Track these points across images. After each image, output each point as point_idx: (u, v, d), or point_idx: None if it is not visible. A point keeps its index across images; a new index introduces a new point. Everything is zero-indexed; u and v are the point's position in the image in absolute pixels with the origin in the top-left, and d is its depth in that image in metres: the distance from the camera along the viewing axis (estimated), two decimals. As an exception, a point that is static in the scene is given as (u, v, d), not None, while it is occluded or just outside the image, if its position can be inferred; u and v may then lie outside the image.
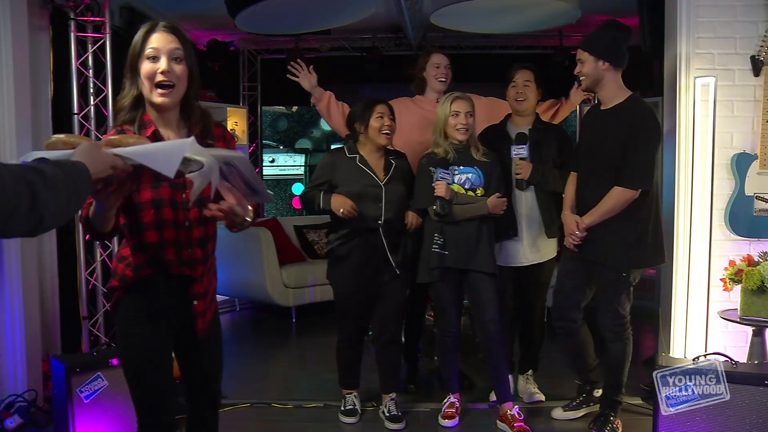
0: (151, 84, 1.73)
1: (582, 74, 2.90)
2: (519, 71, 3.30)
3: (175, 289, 1.87)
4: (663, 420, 2.74)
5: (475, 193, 3.09)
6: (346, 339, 3.29)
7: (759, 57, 3.21)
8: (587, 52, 2.86)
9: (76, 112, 3.74)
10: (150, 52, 1.72)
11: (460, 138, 3.07)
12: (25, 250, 3.35)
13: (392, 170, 3.15)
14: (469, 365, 3.92)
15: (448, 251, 3.07)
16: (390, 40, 6.29)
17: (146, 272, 1.83)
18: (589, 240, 2.92)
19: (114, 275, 1.89)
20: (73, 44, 3.73)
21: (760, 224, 3.23)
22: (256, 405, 3.07)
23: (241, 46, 6.70)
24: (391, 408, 3.24)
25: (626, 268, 2.88)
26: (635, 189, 2.79)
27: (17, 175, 1.18)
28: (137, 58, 1.74)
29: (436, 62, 3.49)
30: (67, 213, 1.30)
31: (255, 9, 4.08)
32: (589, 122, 3.08)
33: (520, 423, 3.06)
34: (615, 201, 2.82)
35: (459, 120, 3.05)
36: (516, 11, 4.56)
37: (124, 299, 1.86)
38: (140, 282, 1.84)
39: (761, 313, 3.01)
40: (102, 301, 3.84)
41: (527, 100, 3.28)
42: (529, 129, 3.31)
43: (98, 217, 1.67)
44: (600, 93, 2.93)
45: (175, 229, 1.81)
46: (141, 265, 1.84)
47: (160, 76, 1.72)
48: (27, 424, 3.18)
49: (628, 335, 2.98)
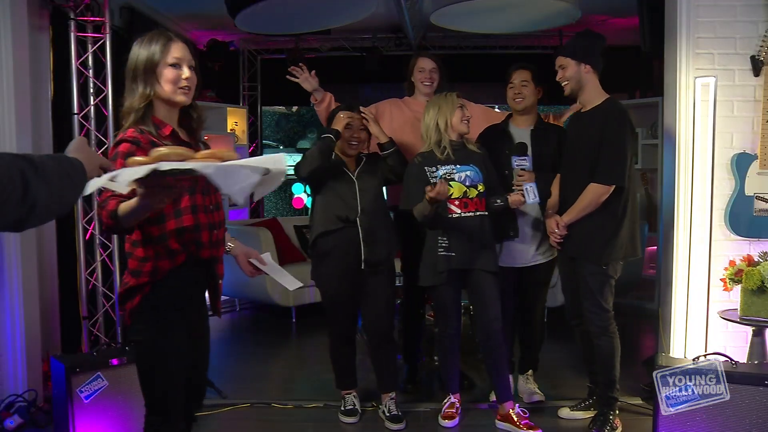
0: (175, 87, 1.95)
1: (565, 79, 3.01)
2: (515, 72, 3.33)
3: (200, 276, 2.02)
4: (663, 420, 2.74)
5: (476, 189, 3.09)
6: (338, 339, 3.30)
7: (759, 57, 3.21)
8: (568, 57, 2.99)
9: (76, 112, 3.74)
10: (173, 61, 1.95)
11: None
12: (25, 250, 3.35)
13: (362, 164, 3.22)
14: (469, 365, 3.92)
15: (455, 252, 3.07)
16: (390, 40, 6.30)
17: (181, 259, 1.94)
18: (569, 237, 3.02)
19: (138, 274, 1.94)
20: (73, 44, 3.73)
21: (760, 224, 3.23)
22: (256, 405, 3.07)
23: (241, 46, 6.70)
24: (391, 408, 3.24)
25: (605, 261, 2.95)
26: (609, 185, 2.89)
27: (8, 162, 1.18)
28: (157, 64, 1.94)
29: (420, 66, 3.51)
30: (60, 205, 1.30)
31: (255, 9, 4.08)
32: (571, 125, 3.19)
33: (527, 421, 3.08)
34: (591, 197, 2.92)
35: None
36: (516, 11, 4.57)
37: (154, 293, 1.94)
38: (173, 271, 1.94)
39: (761, 313, 3.01)
40: (102, 301, 3.84)
41: (525, 100, 3.29)
42: (531, 129, 3.31)
43: (134, 215, 1.74)
44: (581, 96, 3.03)
45: (205, 213, 1.98)
46: (176, 251, 1.93)
47: (183, 81, 1.96)
48: (27, 424, 3.18)
49: (613, 329, 3.02)
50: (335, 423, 3.28)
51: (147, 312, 1.95)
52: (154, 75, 1.94)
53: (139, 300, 1.95)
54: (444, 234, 3.07)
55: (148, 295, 1.94)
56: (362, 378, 3.42)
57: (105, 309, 3.84)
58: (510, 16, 4.68)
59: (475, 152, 3.13)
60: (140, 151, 1.80)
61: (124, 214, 1.73)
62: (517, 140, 3.25)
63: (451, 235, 3.07)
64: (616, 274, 3.00)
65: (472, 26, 4.95)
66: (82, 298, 3.79)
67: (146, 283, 1.93)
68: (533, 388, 3.48)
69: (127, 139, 1.88)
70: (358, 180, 3.17)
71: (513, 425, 3.09)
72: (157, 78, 1.94)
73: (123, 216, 1.74)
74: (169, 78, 1.94)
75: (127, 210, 1.72)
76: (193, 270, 1.98)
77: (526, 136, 3.28)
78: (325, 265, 3.19)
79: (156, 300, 1.94)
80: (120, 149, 1.86)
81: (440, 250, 3.08)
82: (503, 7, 4.44)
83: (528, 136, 3.28)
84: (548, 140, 3.28)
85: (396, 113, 3.52)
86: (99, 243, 3.82)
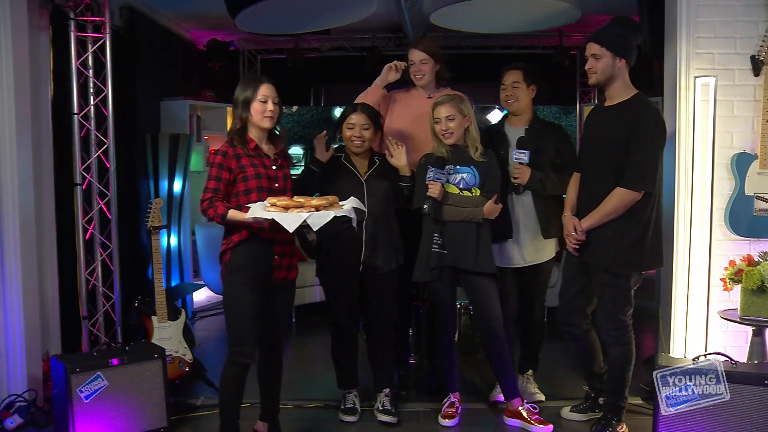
0: (262, 115, 2.73)
1: (595, 70, 2.81)
2: (507, 73, 3.29)
3: (262, 249, 2.73)
4: (663, 420, 2.74)
5: (470, 193, 3.09)
6: (339, 337, 3.30)
7: (759, 57, 3.21)
8: (605, 48, 2.77)
9: (76, 112, 3.73)
10: (261, 98, 2.72)
11: (448, 142, 3.09)
12: (25, 250, 3.35)
13: (375, 168, 3.19)
14: (469, 365, 3.92)
15: (447, 251, 3.07)
16: (390, 40, 6.30)
17: (245, 234, 2.70)
18: (588, 243, 2.89)
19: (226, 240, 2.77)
20: (73, 44, 3.72)
21: (760, 224, 3.23)
22: (256, 405, 3.07)
23: (241, 46, 6.69)
24: (385, 403, 3.25)
25: (625, 272, 2.85)
26: (638, 191, 2.74)
27: None
28: (250, 99, 2.72)
29: (411, 59, 3.39)
30: None
31: (255, 9, 4.08)
32: (592, 120, 3.06)
33: (537, 416, 3.11)
34: (617, 203, 2.77)
35: (441, 126, 3.09)
36: (516, 11, 4.57)
37: (232, 257, 2.72)
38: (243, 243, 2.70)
39: (761, 313, 3.01)
40: (102, 301, 3.83)
41: (517, 101, 3.28)
42: (525, 129, 3.30)
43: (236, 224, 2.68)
44: (608, 90, 2.88)
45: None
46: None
47: (269, 112, 2.73)
48: (27, 424, 3.19)
49: (628, 339, 2.93)
50: (335, 423, 3.28)
51: (228, 269, 2.74)
52: (248, 106, 2.71)
53: (225, 261, 2.74)
54: (438, 231, 3.08)
55: (229, 259, 2.73)
56: (362, 378, 3.42)
57: (105, 309, 3.83)
58: (510, 16, 4.69)
59: (479, 160, 3.10)
60: (227, 160, 2.68)
61: (230, 219, 2.64)
62: (511, 139, 3.26)
63: (445, 234, 3.08)
64: (636, 284, 2.89)
65: (472, 26, 4.95)
66: (82, 298, 3.79)
67: (226, 249, 2.73)
68: (533, 389, 3.48)
69: (220, 151, 2.72)
70: (367, 183, 3.16)
71: (524, 421, 3.11)
72: (249, 108, 2.72)
73: (228, 221, 2.64)
74: (259, 110, 2.72)
75: (233, 218, 2.63)
76: (258, 244, 2.71)
77: (521, 135, 3.28)
78: (328, 264, 3.22)
79: (233, 262, 2.72)
80: (216, 160, 2.70)
81: (434, 247, 3.09)
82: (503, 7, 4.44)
83: (522, 135, 3.28)
84: (543, 139, 3.27)
85: (399, 104, 3.46)
86: (99, 243, 3.81)
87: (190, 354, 3.66)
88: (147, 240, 3.79)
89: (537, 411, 3.16)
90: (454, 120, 3.07)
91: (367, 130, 3.15)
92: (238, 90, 2.75)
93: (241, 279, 2.71)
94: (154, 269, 3.65)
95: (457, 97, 3.14)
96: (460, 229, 3.07)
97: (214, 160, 2.71)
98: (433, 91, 3.43)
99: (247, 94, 2.71)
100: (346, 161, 3.19)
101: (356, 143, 3.15)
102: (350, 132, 3.15)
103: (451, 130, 3.07)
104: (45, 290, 3.60)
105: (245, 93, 2.72)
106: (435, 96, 3.31)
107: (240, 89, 2.75)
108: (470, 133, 3.13)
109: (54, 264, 3.69)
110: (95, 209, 3.81)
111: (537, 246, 3.31)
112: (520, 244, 3.30)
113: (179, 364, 3.59)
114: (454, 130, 3.07)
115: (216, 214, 2.65)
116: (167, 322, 3.63)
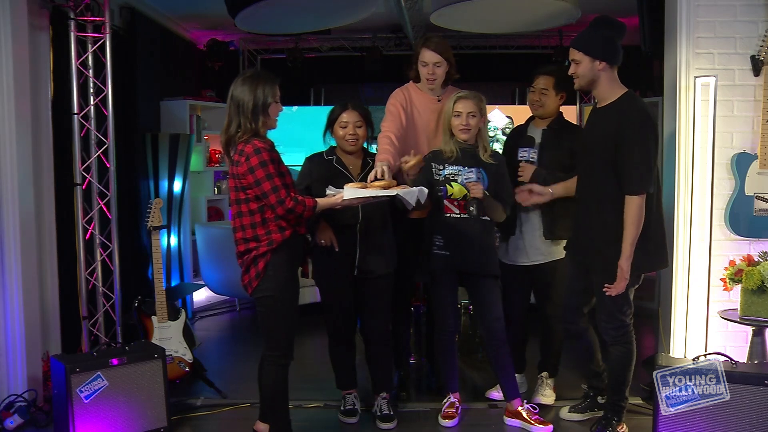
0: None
1: (576, 75, 2.83)
2: (538, 77, 3.28)
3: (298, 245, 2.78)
4: (663, 420, 2.74)
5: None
6: (336, 339, 3.30)
7: (759, 57, 3.21)
8: (581, 52, 2.77)
9: (76, 112, 3.73)
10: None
11: (463, 137, 3.07)
12: (25, 250, 3.35)
13: (368, 169, 3.13)
14: (469, 365, 3.91)
15: (449, 252, 3.07)
16: (390, 40, 6.30)
17: (289, 233, 2.68)
18: (588, 246, 2.90)
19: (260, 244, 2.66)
20: (73, 44, 3.72)
21: (760, 224, 3.23)
22: (255, 405, 3.07)
23: (241, 46, 6.70)
24: (383, 407, 3.23)
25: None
26: (639, 194, 2.70)
27: None
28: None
29: (423, 60, 3.27)
30: None
31: (255, 9, 4.08)
32: (588, 122, 3.06)
33: (537, 416, 3.11)
34: (633, 212, 2.70)
35: (460, 120, 3.06)
36: (516, 11, 4.56)
37: (275, 259, 2.66)
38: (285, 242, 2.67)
39: (761, 313, 3.01)
40: (102, 301, 3.83)
41: (543, 107, 3.28)
42: (544, 129, 3.30)
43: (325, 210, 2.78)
44: (595, 92, 2.87)
45: None
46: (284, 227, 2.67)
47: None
48: (27, 424, 3.19)
49: (628, 339, 2.92)
50: (335, 423, 3.28)
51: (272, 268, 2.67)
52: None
53: (265, 262, 2.66)
54: (440, 233, 3.08)
55: (270, 260, 2.66)
56: (362, 378, 3.42)
57: (105, 309, 3.83)
58: (510, 16, 4.68)
59: (488, 162, 3.09)
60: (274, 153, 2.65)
61: (321, 208, 2.71)
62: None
63: (447, 235, 3.08)
64: (635, 284, 2.86)
65: (472, 26, 4.95)
66: (82, 298, 3.79)
67: (266, 251, 2.65)
68: (541, 392, 3.43)
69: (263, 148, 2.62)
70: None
71: (524, 421, 3.11)
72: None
73: (319, 209, 2.70)
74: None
75: (324, 205, 2.71)
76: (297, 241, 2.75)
77: (539, 134, 3.30)
78: (324, 267, 3.20)
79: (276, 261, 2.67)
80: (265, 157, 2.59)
81: (435, 248, 3.09)
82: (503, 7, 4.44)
83: (540, 134, 3.29)
84: (559, 139, 3.26)
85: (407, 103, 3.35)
86: (99, 243, 3.82)
87: (190, 354, 3.65)
88: (147, 240, 3.79)
89: (537, 411, 3.16)
90: (475, 117, 3.07)
91: (360, 128, 3.13)
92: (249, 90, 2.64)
93: (293, 278, 2.75)
94: (154, 269, 3.65)
95: (479, 95, 3.12)
96: (461, 232, 3.07)
97: (263, 158, 2.58)
98: (440, 93, 3.37)
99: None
100: (337, 164, 3.15)
101: (350, 141, 3.12)
102: (343, 131, 3.12)
103: (470, 127, 3.06)
104: (45, 290, 3.60)
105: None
106: (443, 98, 3.29)
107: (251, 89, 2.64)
108: (482, 133, 3.12)
109: (54, 264, 3.69)
110: (95, 209, 3.81)
111: (541, 245, 3.29)
112: (524, 242, 3.30)
113: (179, 364, 3.59)
114: (472, 126, 3.07)
115: (306, 208, 2.63)
116: (167, 322, 3.63)
